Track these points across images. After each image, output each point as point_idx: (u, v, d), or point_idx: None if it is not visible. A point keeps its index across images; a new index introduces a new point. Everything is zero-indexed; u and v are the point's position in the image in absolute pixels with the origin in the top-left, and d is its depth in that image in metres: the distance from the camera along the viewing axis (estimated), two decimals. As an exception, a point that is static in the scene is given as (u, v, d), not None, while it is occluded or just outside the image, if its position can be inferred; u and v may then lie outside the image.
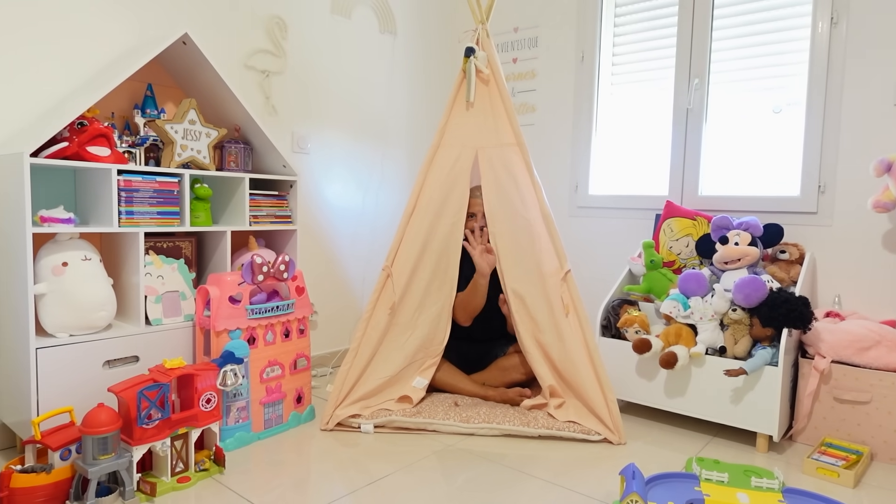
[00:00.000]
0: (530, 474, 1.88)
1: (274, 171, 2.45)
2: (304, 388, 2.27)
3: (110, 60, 2.17)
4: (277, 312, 2.15)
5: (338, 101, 2.99)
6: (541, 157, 3.17)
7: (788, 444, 2.17)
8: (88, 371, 1.87)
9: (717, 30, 2.67)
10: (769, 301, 2.08)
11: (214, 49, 2.29)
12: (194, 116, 2.15)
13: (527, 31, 3.27)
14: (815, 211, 2.44)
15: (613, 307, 2.45)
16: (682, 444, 2.16)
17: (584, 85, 3.06)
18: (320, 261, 2.96)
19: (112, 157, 1.94)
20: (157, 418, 1.68)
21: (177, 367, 1.78)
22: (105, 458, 1.59)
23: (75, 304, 1.83)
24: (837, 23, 2.36)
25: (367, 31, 3.11)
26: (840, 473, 1.85)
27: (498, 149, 2.31)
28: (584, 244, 3.06)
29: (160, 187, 2.04)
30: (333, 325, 3.04)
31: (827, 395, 2.11)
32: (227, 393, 1.99)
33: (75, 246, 1.88)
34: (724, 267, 2.30)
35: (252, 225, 2.32)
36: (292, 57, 2.77)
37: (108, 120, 2.13)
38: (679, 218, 2.60)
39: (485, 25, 2.34)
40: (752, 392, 2.08)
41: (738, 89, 2.64)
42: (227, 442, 1.99)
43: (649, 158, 2.92)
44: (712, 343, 2.17)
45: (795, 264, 2.36)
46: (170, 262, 2.11)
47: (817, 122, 2.42)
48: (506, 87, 2.33)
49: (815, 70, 2.41)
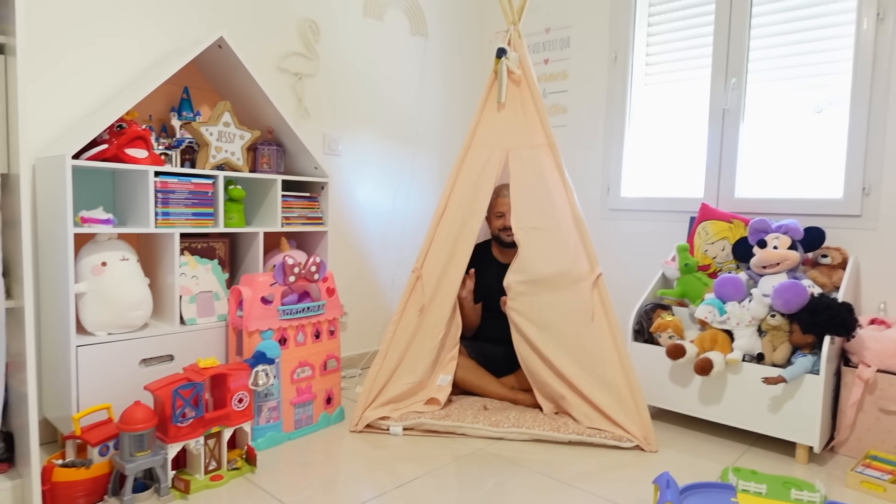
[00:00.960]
0: (560, 480, 1.86)
1: (306, 173, 2.47)
2: (333, 389, 2.28)
3: (148, 64, 2.22)
4: (308, 313, 2.17)
5: (369, 103, 3.00)
6: (572, 158, 3.13)
7: (830, 456, 2.09)
8: (125, 369, 1.91)
9: (756, 27, 2.59)
10: (810, 307, 2.02)
11: (248, 52, 2.33)
12: (229, 119, 2.18)
13: (558, 31, 3.23)
14: (859, 214, 2.36)
15: (646, 311, 2.41)
16: (718, 453, 2.10)
17: (616, 85, 3.01)
18: (351, 262, 2.98)
19: (149, 158, 1.98)
20: (192, 417, 1.71)
21: (210, 366, 1.81)
22: (141, 454, 1.62)
23: (114, 304, 1.87)
24: (884, 18, 2.27)
25: (399, 33, 3.11)
26: (886, 488, 1.78)
27: (529, 150, 2.29)
28: (617, 247, 3.02)
29: (195, 189, 2.08)
30: (363, 327, 3.05)
31: (872, 405, 2.03)
32: (259, 393, 2.01)
33: (114, 246, 1.93)
34: (763, 271, 2.24)
35: (284, 226, 2.35)
36: (325, 59, 2.79)
37: (146, 122, 2.17)
38: (715, 221, 2.54)
39: (516, 26, 2.32)
40: (791, 401, 2.01)
41: (778, 88, 2.57)
42: (259, 441, 2.01)
43: (683, 160, 2.86)
44: (749, 349, 2.11)
45: (838, 269, 2.28)
46: (204, 263, 2.15)
47: (862, 122, 2.33)
48: (537, 87, 2.30)
49: (860, 67, 2.33)
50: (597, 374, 2.16)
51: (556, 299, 2.21)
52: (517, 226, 2.26)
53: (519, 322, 2.24)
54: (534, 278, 2.23)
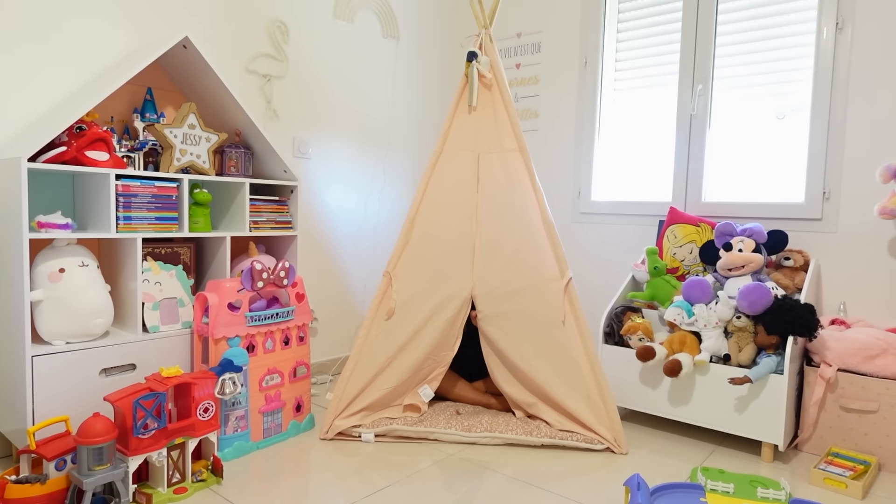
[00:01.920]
0: (533, 484, 1.86)
1: (275, 177, 2.43)
2: (303, 396, 2.24)
3: (110, 64, 2.16)
4: (277, 319, 2.13)
5: (340, 106, 2.97)
6: (544, 162, 3.15)
7: (794, 454, 2.14)
8: (85, 379, 1.84)
9: (721, 35, 2.65)
10: (774, 308, 2.06)
11: (215, 53, 2.28)
12: (194, 121, 2.13)
13: (530, 36, 3.26)
14: (819, 217, 2.42)
15: (616, 314, 2.43)
16: (687, 453, 2.13)
17: (586, 90, 3.04)
18: (321, 267, 2.94)
19: (111, 161, 1.92)
20: (154, 428, 1.65)
21: (174, 375, 1.75)
22: (100, 468, 1.56)
23: (72, 311, 1.81)
24: (843, 28, 2.34)
25: (370, 35, 3.09)
26: (848, 484, 1.83)
27: (499, 154, 2.29)
28: (587, 251, 3.04)
29: (159, 192, 2.02)
30: (334, 332, 3.01)
31: (833, 403, 2.08)
32: (226, 402, 1.96)
33: (73, 252, 1.86)
34: (728, 274, 2.28)
35: (252, 231, 2.30)
36: (294, 61, 2.75)
37: (108, 124, 2.11)
38: (683, 224, 2.58)
39: (488, 30, 2.33)
40: (756, 400, 2.05)
41: (742, 95, 2.63)
42: (226, 451, 1.96)
43: (653, 164, 2.91)
44: (716, 351, 2.15)
45: (800, 271, 2.34)
46: (168, 269, 2.09)
47: (822, 128, 2.40)
48: (508, 91, 2.31)
49: (820, 75, 2.40)
50: (567, 378, 2.16)
51: (525, 304, 2.21)
52: (486, 231, 2.25)
53: (488, 331, 2.23)
54: (502, 284, 2.22)
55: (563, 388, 2.16)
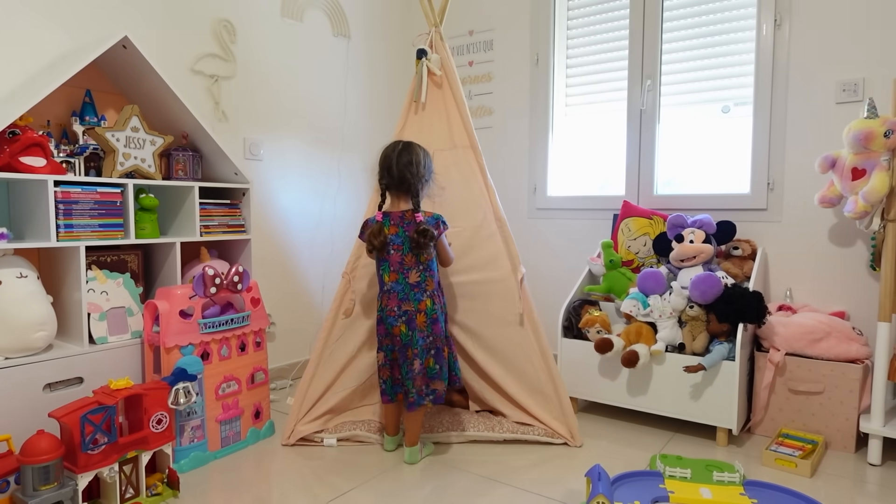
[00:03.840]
0: (497, 480, 1.86)
1: (225, 179, 2.37)
2: (262, 402, 2.19)
3: (45, 65, 2.05)
4: (232, 325, 2.08)
5: (291, 106, 2.92)
6: (499, 159, 3.17)
7: (747, 437, 2.21)
8: (27, 395, 1.75)
9: (668, 31, 2.71)
10: (724, 297, 2.13)
11: (158, 53, 2.20)
12: (137, 123, 2.05)
13: (482, 34, 3.26)
14: (765, 207, 2.51)
15: (574, 308, 2.46)
16: (646, 441, 2.17)
17: (539, 87, 3.07)
18: (277, 270, 2.88)
19: (48, 167, 1.84)
20: (104, 443, 1.59)
21: (123, 387, 1.69)
22: (47, 488, 1.49)
23: (11, 325, 1.72)
24: (781, 24, 2.43)
25: (320, 34, 3.04)
26: (797, 463, 1.90)
27: (451, 151, 2.28)
28: (544, 246, 3.07)
29: (101, 198, 1.94)
30: (292, 337, 2.96)
31: (782, 386, 2.16)
32: (180, 412, 1.90)
33: (9, 263, 1.78)
34: (681, 265, 2.34)
35: (203, 235, 2.24)
36: (242, 61, 2.68)
37: (44, 128, 2.01)
38: (636, 217, 2.63)
39: (438, 28, 2.32)
40: (710, 387, 2.11)
41: (689, 90, 2.70)
42: (182, 463, 1.90)
43: (606, 159, 2.95)
44: (671, 340, 2.20)
45: (748, 260, 2.42)
46: (115, 277, 2.01)
47: (764, 122, 2.49)
48: (460, 89, 2.31)
49: (761, 71, 2.48)
50: (521, 375, 2.18)
51: (479, 302, 2.21)
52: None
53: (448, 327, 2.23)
54: (457, 282, 2.22)
55: (519, 384, 2.18)
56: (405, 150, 1.96)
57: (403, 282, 1.93)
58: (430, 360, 1.93)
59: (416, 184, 1.95)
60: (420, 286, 1.93)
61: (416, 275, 1.93)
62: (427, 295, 1.93)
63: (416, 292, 1.92)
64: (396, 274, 1.94)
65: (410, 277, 1.93)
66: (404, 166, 1.93)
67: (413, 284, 1.93)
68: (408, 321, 1.92)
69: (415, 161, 1.94)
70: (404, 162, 1.93)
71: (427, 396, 1.93)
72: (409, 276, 1.93)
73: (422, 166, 1.96)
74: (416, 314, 1.92)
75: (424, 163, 1.97)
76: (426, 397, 1.93)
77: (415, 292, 1.92)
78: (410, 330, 1.91)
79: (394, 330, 1.93)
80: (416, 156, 1.95)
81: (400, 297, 1.93)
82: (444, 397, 1.98)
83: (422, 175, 1.96)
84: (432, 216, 1.94)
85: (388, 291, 1.95)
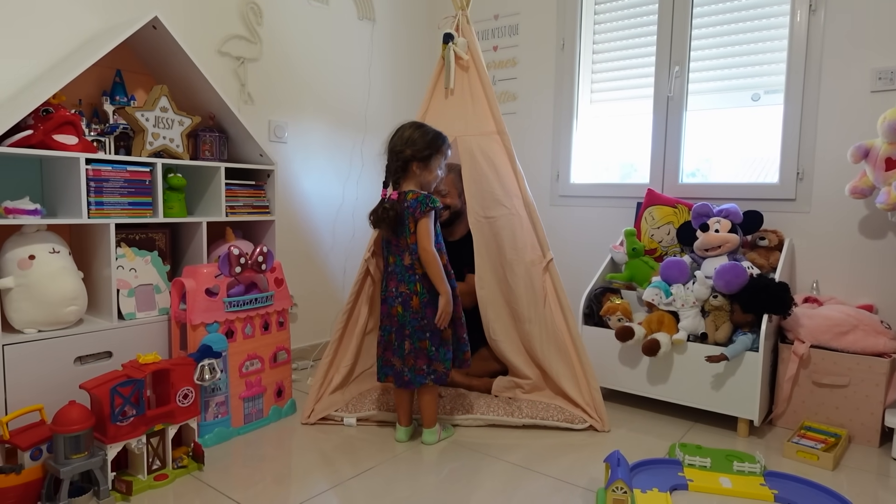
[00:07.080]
0: (515, 463, 1.87)
1: (250, 161, 2.39)
2: (284, 381, 2.23)
3: (77, 45, 2.09)
4: (256, 305, 2.11)
5: (316, 89, 2.93)
6: (522, 145, 3.14)
7: (769, 429, 2.19)
8: (59, 368, 1.80)
9: (697, 17, 2.66)
10: (749, 287, 2.10)
11: (186, 34, 2.22)
12: (166, 104, 2.08)
13: (507, 18, 3.23)
14: (793, 198, 2.46)
15: (596, 295, 2.45)
16: (665, 430, 2.17)
17: (564, 73, 3.04)
18: (299, 252, 2.91)
19: (80, 145, 1.87)
20: (132, 415, 1.63)
21: (151, 361, 1.73)
22: (78, 457, 1.53)
23: (44, 299, 1.77)
24: (816, 10, 2.36)
25: (346, 17, 3.04)
26: (819, 456, 1.88)
27: (478, 137, 2.27)
28: (566, 233, 3.06)
29: (131, 177, 1.97)
30: (314, 318, 2.99)
31: (806, 379, 2.13)
32: (205, 388, 1.94)
33: (43, 238, 1.82)
34: (705, 254, 2.31)
35: (228, 216, 2.27)
36: (268, 44, 2.70)
37: (76, 107, 2.04)
38: (660, 206, 2.60)
39: (465, 12, 2.30)
40: (732, 377, 2.10)
41: (718, 77, 2.65)
42: (206, 438, 1.94)
43: (631, 147, 2.92)
44: (694, 330, 2.18)
45: (775, 251, 2.38)
46: (143, 255, 2.05)
47: (795, 110, 2.43)
48: (487, 74, 2.29)
49: (794, 58, 2.42)
50: (554, 358, 2.19)
51: (513, 286, 2.22)
52: (473, 215, 2.25)
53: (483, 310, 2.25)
54: (493, 266, 2.23)
55: (552, 366, 2.19)
56: (395, 131, 1.99)
57: (400, 264, 1.95)
58: (426, 343, 1.93)
59: (393, 163, 1.97)
60: (412, 269, 1.94)
61: (409, 257, 1.94)
62: (418, 278, 1.93)
63: (409, 274, 1.94)
64: (394, 256, 1.96)
65: (405, 260, 1.94)
66: (391, 147, 1.98)
67: (407, 266, 1.94)
68: (403, 303, 1.93)
69: (399, 138, 1.96)
70: (393, 142, 1.98)
71: (429, 376, 1.94)
72: (404, 259, 1.94)
73: (405, 143, 1.94)
74: (412, 296, 1.93)
75: (411, 139, 1.94)
76: (427, 377, 1.94)
77: (409, 274, 1.94)
78: (405, 311, 1.93)
79: (392, 311, 1.96)
80: (398, 136, 1.97)
81: (398, 278, 1.95)
82: (446, 378, 1.98)
83: (405, 154, 1.94)
84: (418, 198, 1.92)
85: (390, 273, 1.98)
